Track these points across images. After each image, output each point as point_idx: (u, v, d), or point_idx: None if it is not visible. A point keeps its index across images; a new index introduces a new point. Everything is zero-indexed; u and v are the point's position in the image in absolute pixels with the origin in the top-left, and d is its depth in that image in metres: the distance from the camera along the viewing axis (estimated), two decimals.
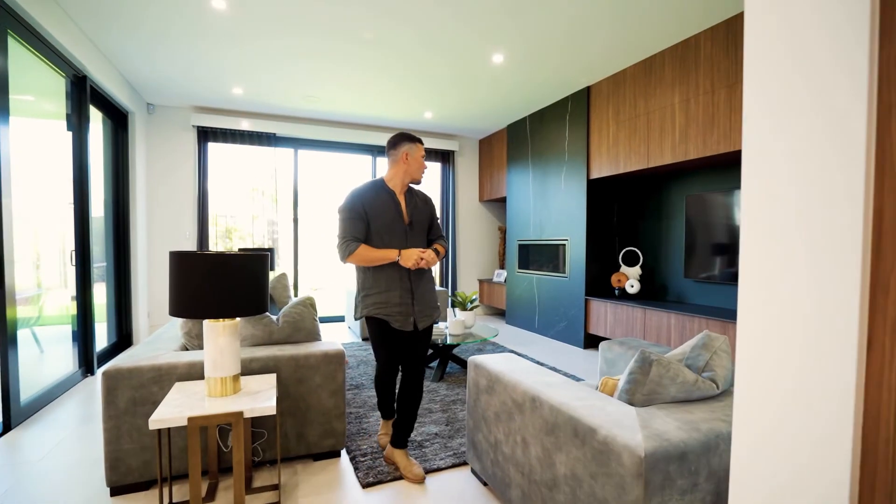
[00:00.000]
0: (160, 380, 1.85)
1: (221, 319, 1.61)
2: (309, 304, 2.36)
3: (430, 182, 6.60)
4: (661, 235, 4.29)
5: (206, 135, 5.19)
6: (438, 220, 2.26)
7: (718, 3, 2.95)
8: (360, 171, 6.24)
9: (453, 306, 3.72)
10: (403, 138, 2.05)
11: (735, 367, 0.92)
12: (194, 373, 1.89)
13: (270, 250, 4.11)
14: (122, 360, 1.87)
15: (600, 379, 1.74)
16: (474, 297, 3.65)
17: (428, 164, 6.52)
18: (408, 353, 2.07)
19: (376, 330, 2.04)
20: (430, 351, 3.65)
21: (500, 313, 6.70)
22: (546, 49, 3.62)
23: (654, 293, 4.34)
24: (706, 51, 3.30)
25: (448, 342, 3.42)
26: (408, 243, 2.02)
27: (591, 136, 4.44)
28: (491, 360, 1.88)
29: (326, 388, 2.12)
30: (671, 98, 3.57)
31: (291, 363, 2.05)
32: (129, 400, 1.81)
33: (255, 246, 5.34)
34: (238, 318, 1.69)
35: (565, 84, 4.44)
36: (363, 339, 4.81)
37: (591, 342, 4.57)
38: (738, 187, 3.50)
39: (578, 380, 3.23)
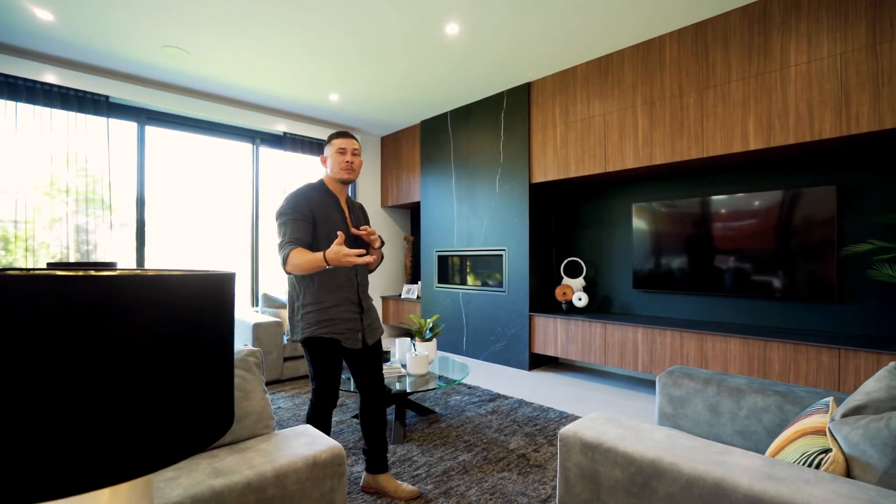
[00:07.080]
0: None
1: (102, 489, 0.54)
2: (253, 361, 1.30)
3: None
4: (603, 245, 4.12)
5: None
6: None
7: (681, 7, 2.84)
8: (236, 164, 4.81)
9: (412, 337, 2.84)
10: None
11: None
12: None
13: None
14: None
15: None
16: (434, 324, 2.84)
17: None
18: (363, 375, 1.85)
19: (321, 353, 1.73)
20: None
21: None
22: (492, 30, 3.09)
23: (599, 306, 4.14)
24: (672, 53, 3.17)
25: (408, 388, 2.54)
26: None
27: (532, 137, 4.07)
28: (609, 433, 1.17)
29: None
30: (632, 100, 3.38)
31: (249, 496, 1.01)
32: None
33: (74, 262, 3.55)
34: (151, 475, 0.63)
35: (503, 77, 3.99)
36: None
37: (538, 363, 4.15)
38: (692, 194, 3.46)
39: (562, 413, 2.68)
